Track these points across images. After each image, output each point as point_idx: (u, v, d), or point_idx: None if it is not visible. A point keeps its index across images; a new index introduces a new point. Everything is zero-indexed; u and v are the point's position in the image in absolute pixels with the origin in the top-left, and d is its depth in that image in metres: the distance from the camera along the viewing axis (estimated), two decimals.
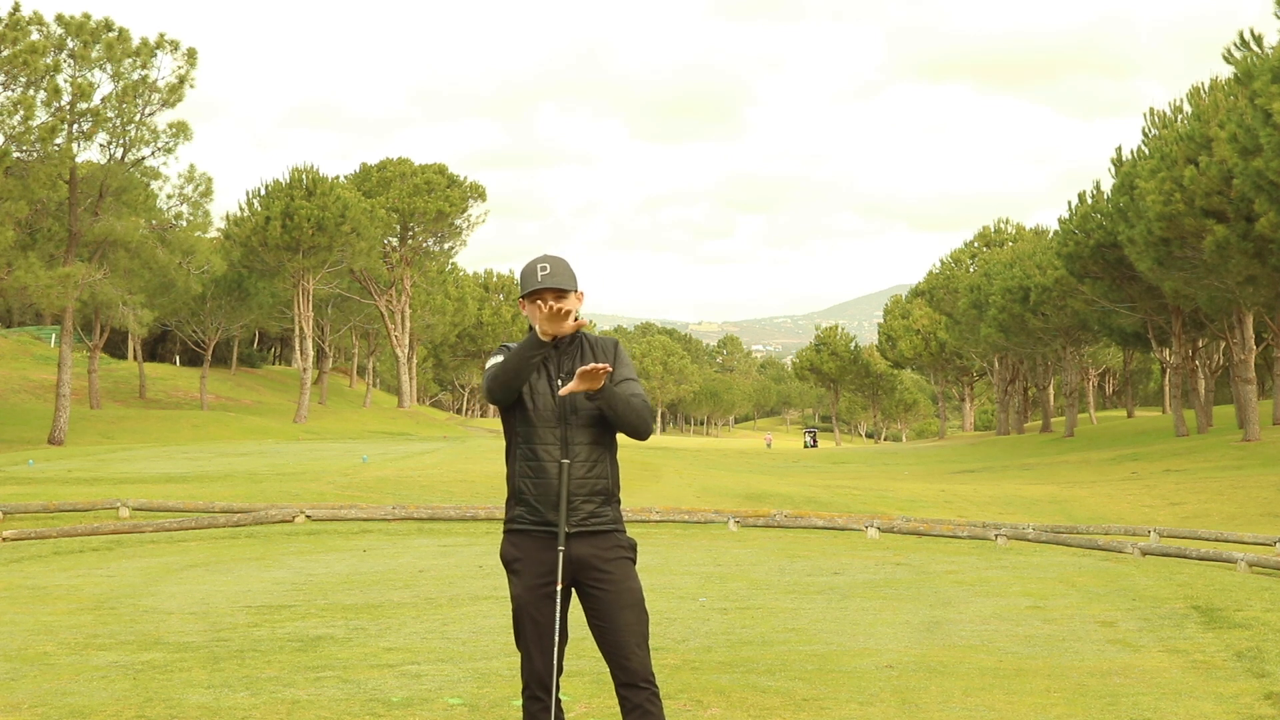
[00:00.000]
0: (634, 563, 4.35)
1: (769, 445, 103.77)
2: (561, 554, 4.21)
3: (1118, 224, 44.67)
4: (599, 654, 4.44)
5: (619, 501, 4.39)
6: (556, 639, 4.23)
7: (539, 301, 4.27)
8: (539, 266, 4.32)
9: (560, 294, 4.30)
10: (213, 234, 58.21)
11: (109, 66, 41.61)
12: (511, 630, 4.38)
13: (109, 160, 43.35)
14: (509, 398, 4.25)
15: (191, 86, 43.53)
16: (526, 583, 4.23)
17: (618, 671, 4.24)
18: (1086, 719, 5.71)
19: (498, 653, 7.34)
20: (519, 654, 4.32)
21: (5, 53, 37.46)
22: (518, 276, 4.41)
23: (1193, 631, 8.05)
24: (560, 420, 4.26)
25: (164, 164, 51.63)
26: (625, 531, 4.38)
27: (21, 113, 37.88)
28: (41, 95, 39.01)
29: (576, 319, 4.31)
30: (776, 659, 7.13)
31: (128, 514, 18.07)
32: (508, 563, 4.31)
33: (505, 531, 4.36)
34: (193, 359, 76.44)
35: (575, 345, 4.37)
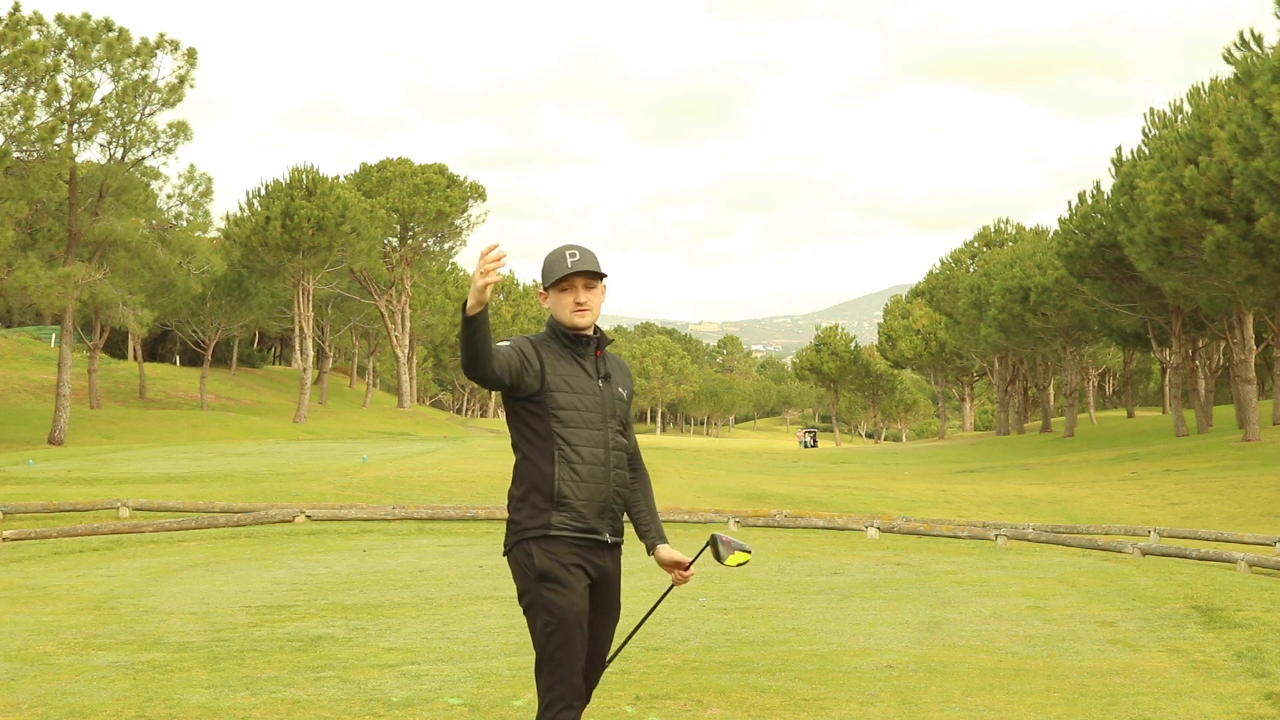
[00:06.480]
0: None
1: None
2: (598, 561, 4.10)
3: (1118, 224, 44.63)
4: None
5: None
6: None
7: (564, 290, 4.08)
8: (568, 253, 4.10)
9: (591, 281, 4.12)
10: (213, 234, 58.23)
11: (109, 66, 41.64)
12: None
13: (109, 160, 43.36)
14: (480, 369, 3.86)
15: (191, 86, 43.59)
16: (579, 590, 4.01)
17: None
18: (1086, 719, 5.72)
19: (498, 653, 7.34)
20: (549, 673, 4.00)
21: (5, 53, 37.46)
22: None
23: (1193, 631, 8.05)
24: (603, 423, 4.12)
25: (164, 164, 51.86)
26: None
27: (21, 113, 37.89)
28: (41, 95, 39.04)
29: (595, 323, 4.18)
30: (776, 659, 7.13)
31: (128, 514, 18.06)
32: (547, 572, 3.98)
33: (535, 539, 4.02)
34: (193, 359, 76.43)
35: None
